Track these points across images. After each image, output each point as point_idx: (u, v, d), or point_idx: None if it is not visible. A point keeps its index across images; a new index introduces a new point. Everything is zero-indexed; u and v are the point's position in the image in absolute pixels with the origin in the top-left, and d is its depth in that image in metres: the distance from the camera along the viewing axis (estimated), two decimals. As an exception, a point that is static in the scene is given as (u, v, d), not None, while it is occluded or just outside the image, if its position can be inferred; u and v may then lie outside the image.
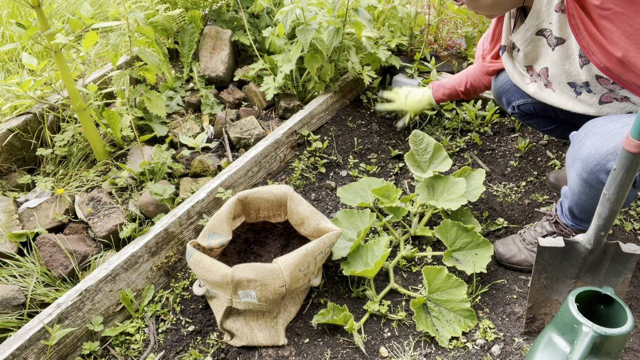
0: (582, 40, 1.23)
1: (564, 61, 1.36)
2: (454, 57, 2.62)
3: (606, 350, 1.13)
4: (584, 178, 1.28)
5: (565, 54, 1.34)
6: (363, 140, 2.21)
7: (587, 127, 1.29)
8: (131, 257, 1.53)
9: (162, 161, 1.94)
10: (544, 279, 1.36)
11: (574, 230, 1.52)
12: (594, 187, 1.28)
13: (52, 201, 1.85)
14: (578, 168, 1.29)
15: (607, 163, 1.21)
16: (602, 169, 1.23)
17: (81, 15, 1.73)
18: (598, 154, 1.22)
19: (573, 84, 1.39)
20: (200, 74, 2.53)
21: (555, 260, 1.33)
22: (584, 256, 1.31)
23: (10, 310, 1.47)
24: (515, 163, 2.07)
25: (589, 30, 1.21)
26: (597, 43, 1.22)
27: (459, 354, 1.41)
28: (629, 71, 1.23)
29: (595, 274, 1.35)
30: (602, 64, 1.24)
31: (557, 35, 1.32)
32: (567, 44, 1.32)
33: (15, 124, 2.01)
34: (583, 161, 1.26)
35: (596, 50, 1.23)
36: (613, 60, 1.22)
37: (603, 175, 1.23)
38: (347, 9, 2.05)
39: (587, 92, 1.38)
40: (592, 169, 1.24)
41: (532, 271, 1.34)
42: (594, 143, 1.24)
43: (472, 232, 1.58)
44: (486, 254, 1.55)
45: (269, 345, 1.44)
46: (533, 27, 1.38)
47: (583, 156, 1.26)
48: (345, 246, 1.62)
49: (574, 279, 1.37)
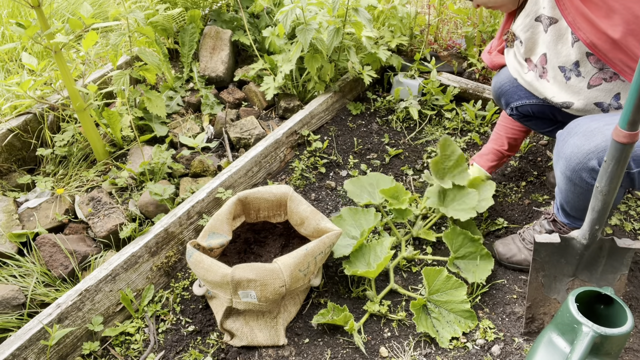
0: (568, 15, 1.24)
1: (557, 41, 1.36)
2: (454, 57, 2.62)
3: (606, 350, 1.13)
4: (568, 176, 1.31)
5: (558, 33, 1.35)
6: (363, 140, 2.21)
7: (570, 126, 1.31)
8: (131, 257, 1.53)
9: (162, 161, 1.94)
10: (541, 277, 1.37)
11: (571, 228, 1.52)
12: (579, 185, 1.30)
13: (52, 201, 1.85)
14: (562, 166, 1.31)
15: (589, 162, 1.23)
16: (584, 168, 1.24)
17: (81, 15, 1.73)
18: (580, 153, 1.24)
19: (563, 67, 1.40)
20: (200, 74, 2.53)
21: (552, 258, 1.33)
22: (580, 252, 1.32)
23: (10, 310, 1.47)
24: (515, 163, 2.07)
25: (575, 5, 1.22)
26: (585, 18, 1.22)
27: (459, 354, 1.41)
28: (618, 49, 1.22)
29: (592, 271, 1.36)
30: (589, 39, 1.24)
31: (548, 15, 1.34)
32: (559, 24, 1.33)
33: (15, 124, 2.01)
34: (566, 160, 1.28)
35: (583, 26, 1.23)
36: (600, 35, 1.22)
37: (585, 173, 1.25)
38: (347, 8, 2.05)
39: (576, 76, 1.38)
40: (574, 167, 1.26)
41: (530, 269, 1.35)
42: (576, 142, 1.25)
43: (477, 243, 1.59)
44: (487, 266, 1.56)
45: (269, 345, 1.44)
46: (532, 13, 1.39)
47: (566, 155, 1.28)
48: (347, 244, 1.62)
49: (572, 276, 1.37)
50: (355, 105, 2.38)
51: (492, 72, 2.48)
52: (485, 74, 2.50)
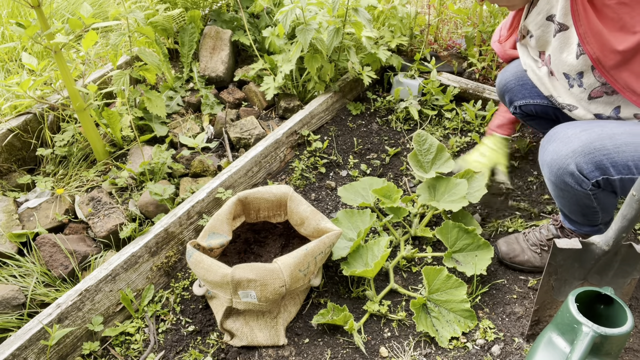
0: (580, 27, 1.24)
1: (563, 49, 1.36)
2: (454, 57, 2.62)
3: (606, 350, 1.13)
4: (553, 181, 1.34)
5: (565, 41, 1.34)
6: (363, 140, 2.21)
7: (550, 134, 1.34)
8: (131, 257, 1.53)
9: (162, 161, 1.94)
10: (553, 281, 1.34)
11: (579, 234, 1.50)
12: (564, 190, 1.33)
13: (52, 201, 1.85)
14: (546, 173, 1.35)
15: (568, 166, 1.26)
16: (565, 172, 1.27)
17: (81, 15, 1.73)
18: (559, 158, 1.28)
19: (567, 75, 1.40)
20: (200, 74, 2.53)
21: (566, 262, 1.30)
22: (597, 257, 1.28)
23: (10, 310, 1.47)
24: (515, 163, 2.07)
25: (589, 18, 1.21)
26: (595, 32, 1.22)
27: (459, 354, 1.41)
28: (625, 69, 1.22)
29: (603, 275, 1.33)
30: (595, 54, 1.24)
31: (560, 21, 1.33)
32: (569, 32, 1.32)
33: (15, 124, 2.01)
34: (548, 166, 1.32)
35: (592, 40, 1.23)
36: (607, 53, 1.22)
37: (568, 177, 1.28)
38: (347, 8, 2.05)
39: (578, 86, 1.39)
40: (556, 172, 1.30)
41: (543, 273, 1.31)
42: (554, 148, 1.29)
43: (472, 234, 1.58)
44: (486, 255, 1.55)
45: (269, 345, 1.44)
46: (544, 12, 1.38)
47: (547, 161, 1.32)
48: (345, 246, 1.62)
49: (582, 280, 1.35)
50: (355, 106, 2.38)
51: (492, 73, 2.48)
52: (485, 74, 2.50)
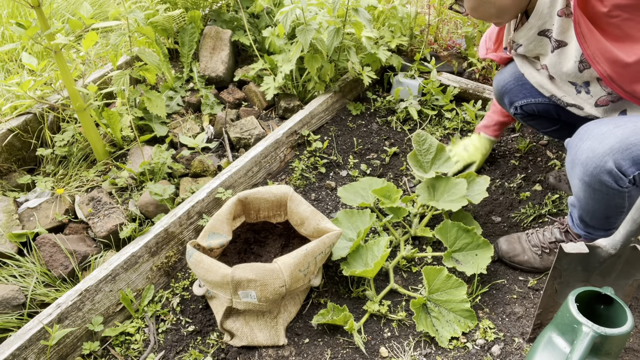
0: (588, 49, 1.23)
1: (562, 64, 1.36)
2: (454, 57, 2.62)
3: (606, 350, 1.13)
4: (587, 182, 1.28)
5: (564, 58, 1.34)
6: (363, 140, 2.21)
7: (581, 132, 1.29)
8: (131, 257, 1.53)
9: (162, 161, 1.94)
10: (557, 285, 1.33)
11: (586, 240, 1.48)
12: (599, 190, 1.27)
13: (52, 201, 1.85)
14: (579, 173, 1.28)
15: (606, 164, 1.21)
16: (602, 170, 1.22)
17: (81, 15, 1.73)
18: (595, 156, 1.22)
19: (574, 83, 1.40)
20: (200, 74, 2.53)
21: (570, 266, 1.29)
22: (602, 261, 1.27)
23: (10, 310, 1.47)
24: (516, 163, 2.07)
25: (596, 38, 1.21)
26: (603, 52, 1.21)
27: (459, 354, 1.41)
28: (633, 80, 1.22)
29: (606, 277, 1.32)
30: (606, 73, 1.24)
31: (557, 38, 1.33)
32: (567, 49, 1.32)
33: (15, 124, 2.01)
34: (582, 165, 1.26)
35: (601, 60, 1.22)
36: (618, 69, 1.22)
37: (605, 176, 1.23)
38: (347, 9, 2.05)
39: (585, 92, 1.38)
40: (592, 171, 1.24)
41: (548, 277, 1.30)
42: (590, 146, 1.24)
43: (472, 233, 1.58)
44: (486, 254, 1.55)
45: (269, 345, 1.44)
46: (535, 27, 1.38)
47: (581, 160, 1.26)
48: (345, 246, 1.62)
49: (584, 282, 1.34)
50: (355, 106, 2.38)
51: (492, 72, 2.48)
52: (485, 74, 2.50)
